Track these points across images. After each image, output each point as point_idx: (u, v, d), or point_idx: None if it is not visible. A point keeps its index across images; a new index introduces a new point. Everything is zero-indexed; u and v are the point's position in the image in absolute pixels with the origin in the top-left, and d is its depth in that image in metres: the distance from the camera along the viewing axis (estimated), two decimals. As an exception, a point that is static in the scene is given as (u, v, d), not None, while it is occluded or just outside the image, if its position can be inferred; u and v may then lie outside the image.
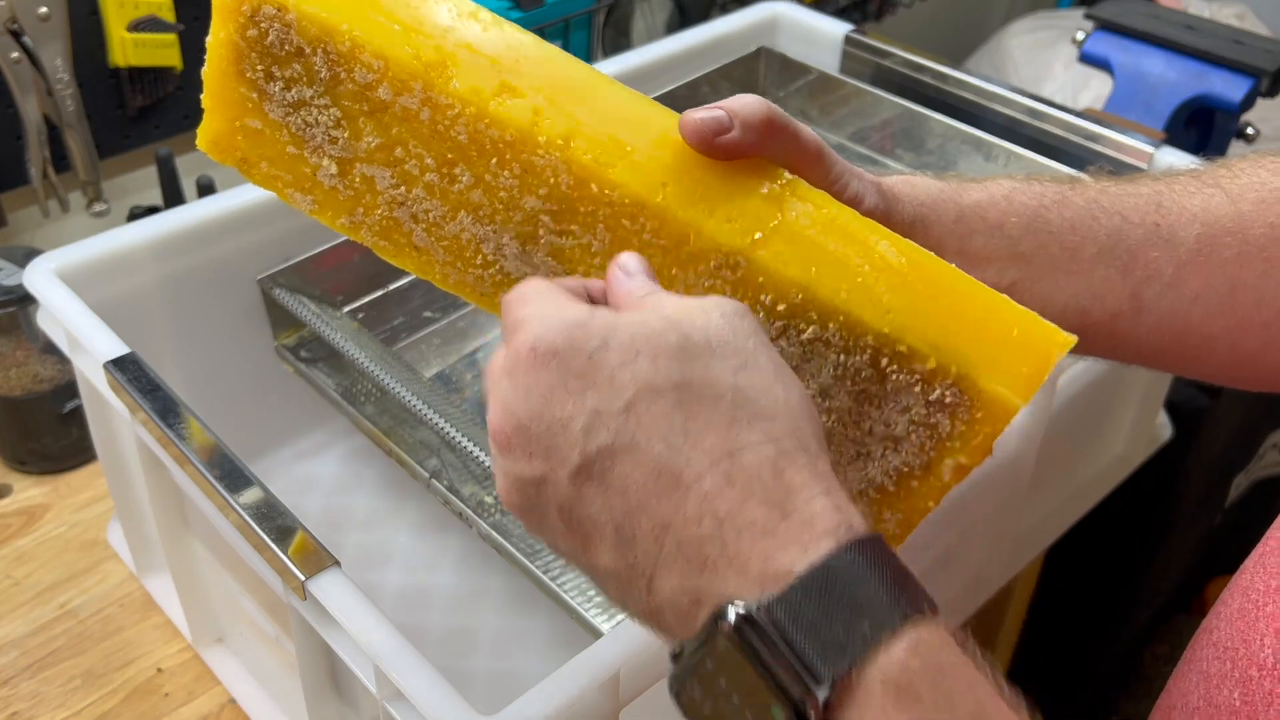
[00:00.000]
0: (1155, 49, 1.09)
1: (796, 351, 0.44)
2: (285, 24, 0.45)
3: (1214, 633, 0.43)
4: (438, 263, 0.48)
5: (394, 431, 0.74)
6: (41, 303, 0.69)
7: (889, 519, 0.45)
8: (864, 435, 0.44)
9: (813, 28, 1.04)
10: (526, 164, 0.44)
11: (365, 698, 0.58)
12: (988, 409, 0.43)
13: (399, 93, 0.45)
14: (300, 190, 0.48)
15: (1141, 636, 1.42)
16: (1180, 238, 0.50)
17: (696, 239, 0.44)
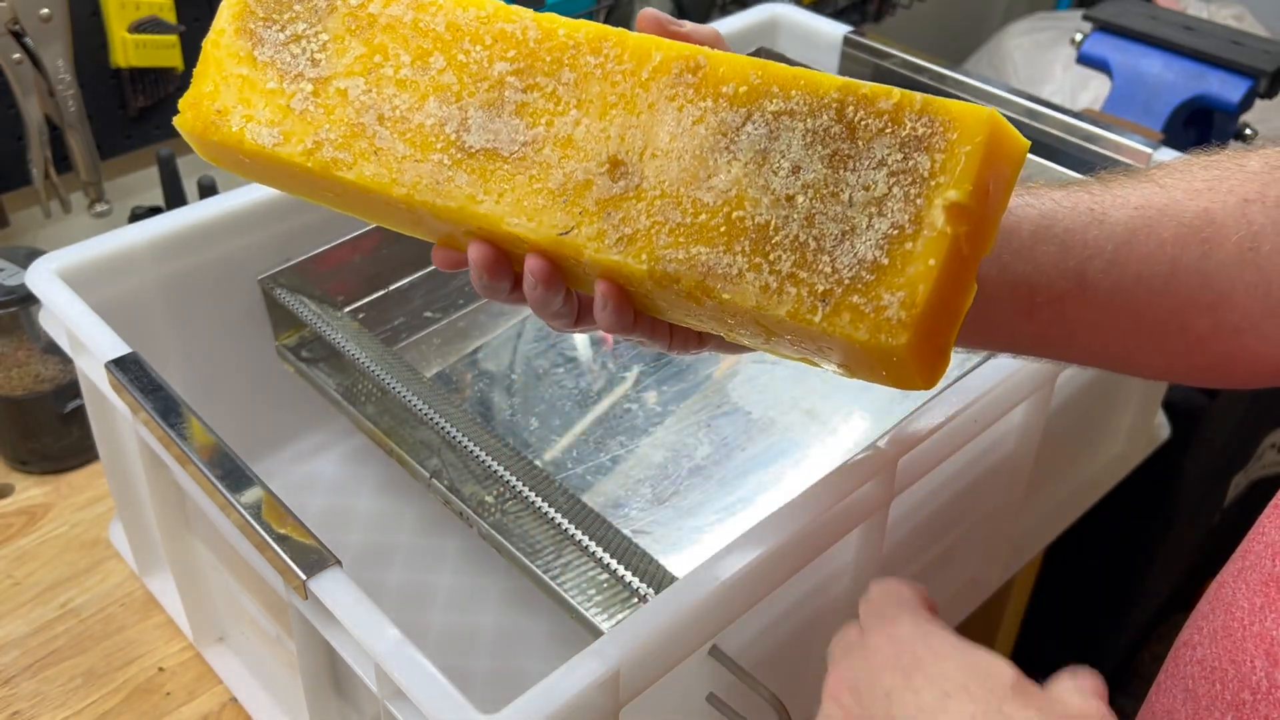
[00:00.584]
0: (1154, 50, 1.10)
1: (763, 133, 0.44)
2: None
3: (1197, 648, 0.43)
4: (396, 161, 0.49)
5: (394, 431, 0.74)
6: (43, 303, 0.70)
7: (890, 300, 0.42)
8: (845, 208, 0.43)
9: (812, 29, 1.04)
10: (498, 33, 0.49)
11: (366, 697, 0.58)
12: (961, 124, 0.41)
13: (388, 3, 0.50)
14: (269, 124, 0.51)
15: (1140, 636, 1.42)
16: (1115, 218, 0.51)
17: (659, 50, 0.46)
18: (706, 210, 0.45)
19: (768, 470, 0.80)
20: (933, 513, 0.73)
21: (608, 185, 0.46)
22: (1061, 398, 0.78)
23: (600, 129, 0.47)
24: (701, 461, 0.80)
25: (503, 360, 0.88)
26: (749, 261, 0.44)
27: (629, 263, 0.45)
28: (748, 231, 0.44)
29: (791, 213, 0.43)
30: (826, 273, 0.43)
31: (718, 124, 0.45)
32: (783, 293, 0.43)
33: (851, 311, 0.42)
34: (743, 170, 0.44)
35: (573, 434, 0.82)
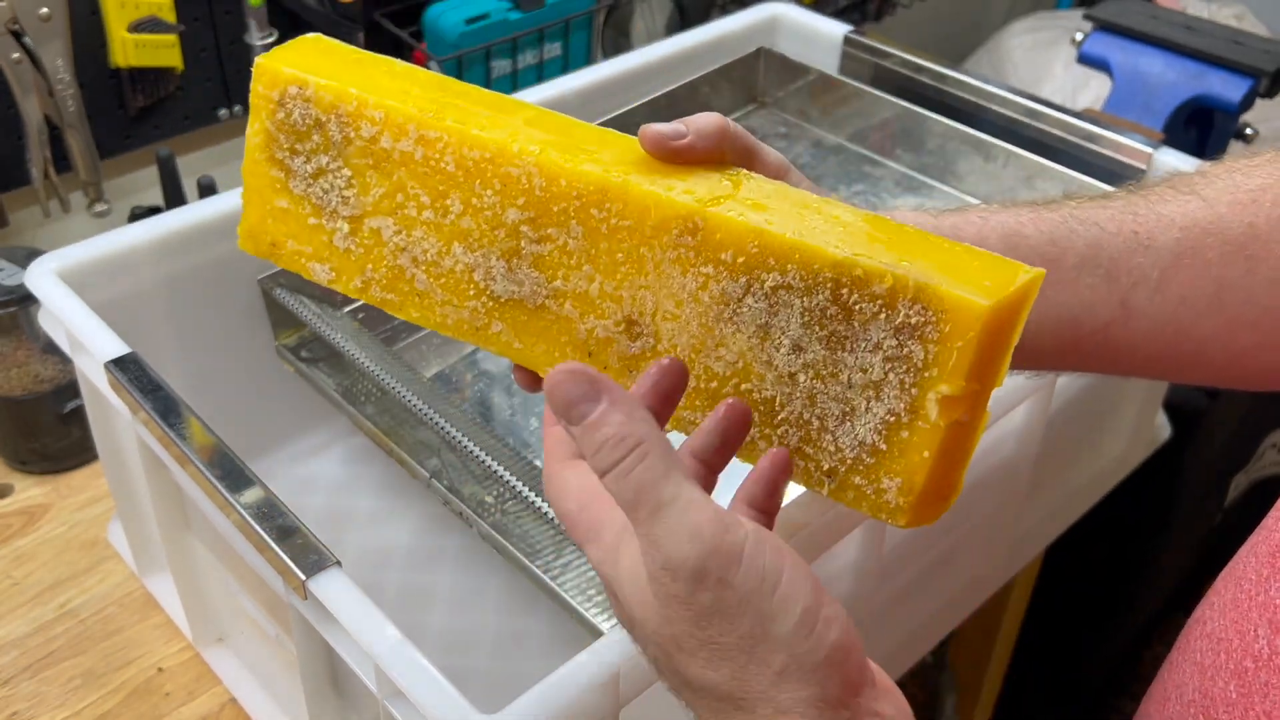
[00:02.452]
0: (1154, 49, 1.10)
1: (763, 307, 0.45)
2: (306, 99, 0.51)
3: (1206, 623, 0.43)
4: (437, 304, 0.51)
5: (394, 431, 0.74)
6: (43, 303, 0.69)
7: (889, 485, 0.44)
8: (845, 390, 0.44)
9: (812, 28, 1.04)
10: (505, 176, 0.48)
11: (366, 697, 0.58)
12: (953, 316, 0.41)
13: (397, 138, 0.50)
14: (319, 260, 0.52)
15: (1140, 637, 1.42)
16: (1160, 242, 0.51)
17: (656, 209, 0.46)
18: (718, 379, 0.46)
19: (768, 470, 0.80)
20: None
21: (626, 344, 0.48)
22: (1061, 398, 0.78)
23: (613, 287, 0.48)
24: (701, 461, 0.80)
25: (503, 360, 0.88)
26: (760, 432, 0.46)
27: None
28: (756, 404, 0.46)
29: (794, 390, 0.45)
30: (830, 450, 0.45)
31: (720, 293, 0.46)
32: (793, 465, 0.45)
33: (854, 490, 0.45)
34: (747, 344, 0.46)
35: (573, 434, 0.81)
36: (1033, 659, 1.23)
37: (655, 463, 0.38)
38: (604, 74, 0.93)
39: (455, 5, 1.11)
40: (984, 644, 1.15)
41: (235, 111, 1.08)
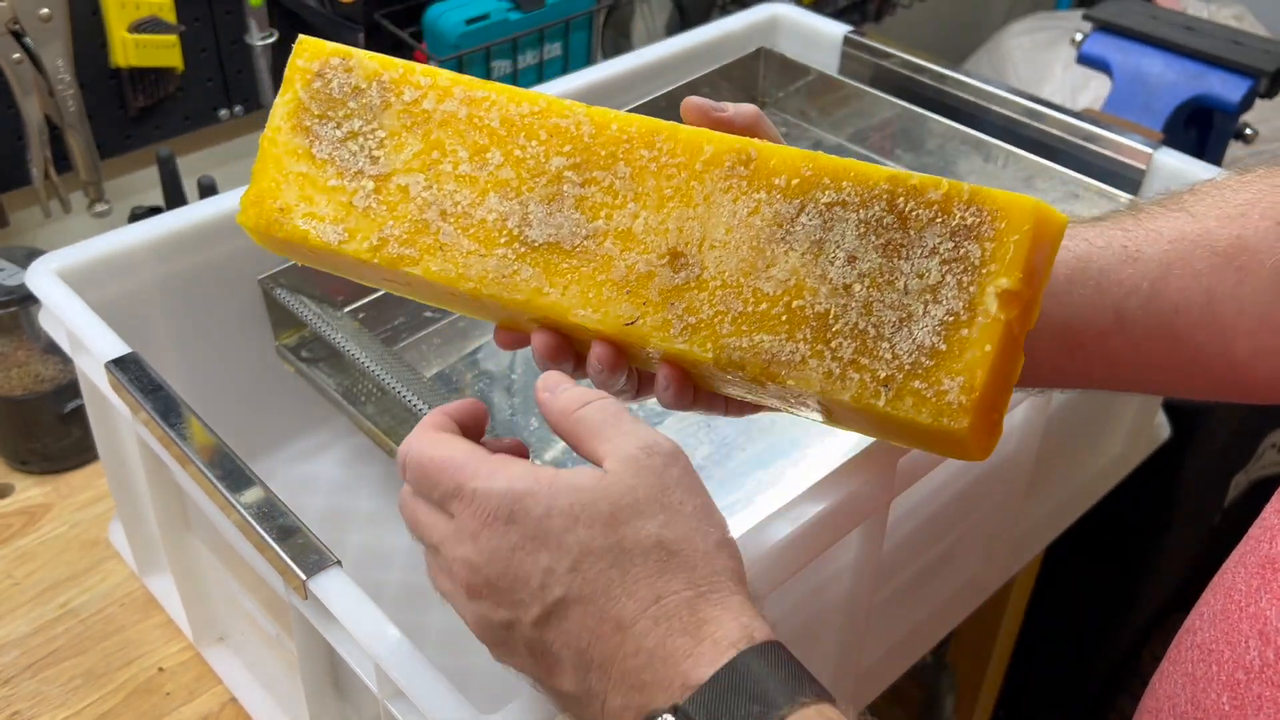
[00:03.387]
0: (1154, 50, 1.10)
1: (817, 224, 0.46)
2: (348, 69, 0.53)
3: (1197, 634, 0.43)
4: (461, 256, 0.50)
5: (394, 431, 0.74)
6: (43, 303, 0.70)
7: (950, 385, 0.43)
8: (901, 296, 0.44)
9: (812, 28, 1.04)
10: (553, 128, 0.50)
11: (366, 697, 0.58)
12: (1008, 214, 0.43)
13: (442, 99, 0.51)
14: (332, 222, 0.52)
15: (1140, 637, 1.42)
16: (1149, 254, 0.52)
17: (710, 143, 0.48)
18: (767, 299, 0.46)
19: (768, 470, 0.80)
20: (933, 513, 0.73)
21: (670, 276, 0.48)
22: (1061, 398, 0.78)
23: (658, 221, 0.48)
24: (701, 461, 0.80)
25: (503, 360, 0.88)
26: (811, 349, 0.46)
27: (695, 350, 0.47)
28: (809, 320, 0.46)
29: (850, 301, 0.45)
30: (887, 359, 0.45)
31: (773, 215, 0.47)
32: (846, 378, 0.45)
33: (914, 396, 0.44)
34: (800, 260, 0.46)
35: (573, 434, 0.82)
36: (1033, 659, 1.23)
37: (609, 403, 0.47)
38: (604, 74, 0.93)
39: (455, 5, 1.11)
40: (984, 644, 1.15)
41: (235, 111, 1.08)
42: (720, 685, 0.39)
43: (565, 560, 0.43)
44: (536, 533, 0.43)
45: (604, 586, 0.42)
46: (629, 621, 0.42)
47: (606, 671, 0.42)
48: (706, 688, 0.40)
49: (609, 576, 0.43)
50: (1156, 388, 0.56)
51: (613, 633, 0.42)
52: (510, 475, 0.44)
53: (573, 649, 0.43)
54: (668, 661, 0.41)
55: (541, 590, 0.43)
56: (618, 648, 0.42)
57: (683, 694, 0.40)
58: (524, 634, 0.44)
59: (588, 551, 0.43)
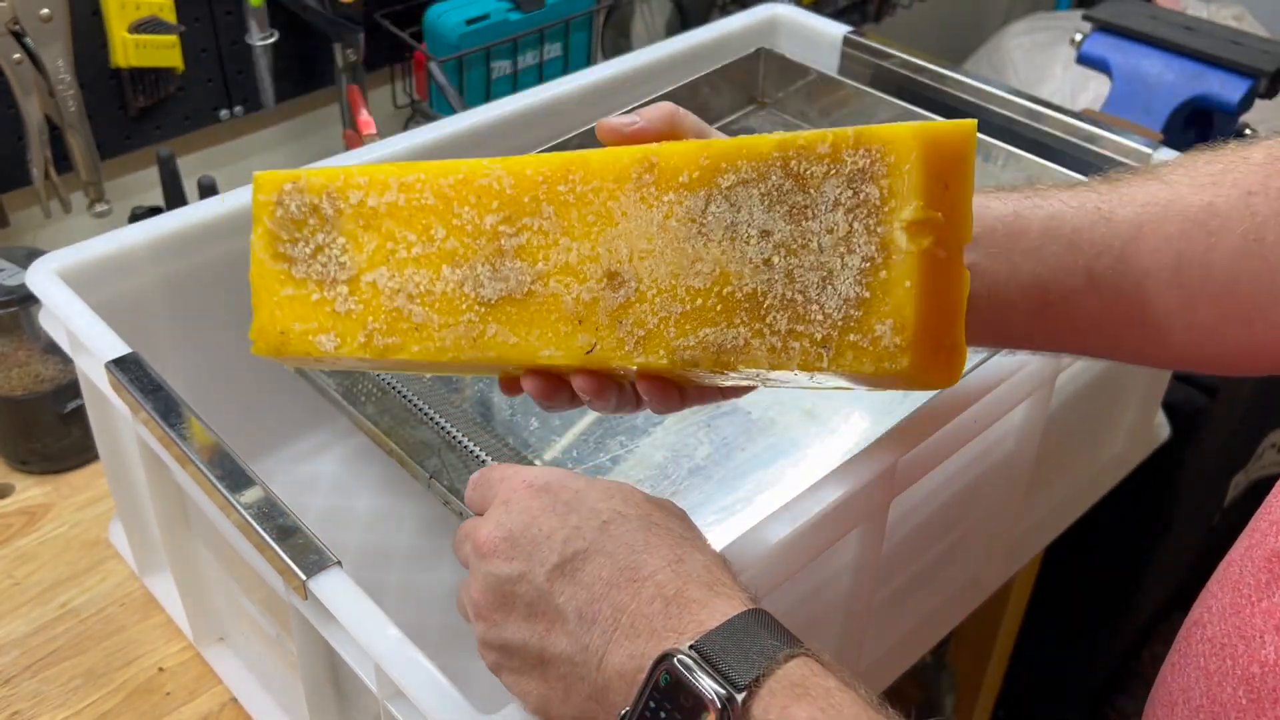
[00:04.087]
0: (1153, 50, 1.10)
1: (725, 209, 0.47)
2: (300, 190, 0.55)
3: (1206, 627, 0.43)
4: (435, 331, 0.53)
5: (394, 431, 0.74)
6: (43, 303, 0.70)
7: (882, 330, 0.43)
8: (818, 256, 0.45)
9: (812, 29, 1.04)
10: (479, 189, 0.52)
11: (366, 697, 0.58)
12: (895, 146, 0.43)
13: (382, 193, 0.54)
14: (324, 331, 0.55)
15: (1139, 637, 1.42)
16: (1121, 215, 0.53)
17: (615, 162, 0.49)
18: (700, 294, 0.47)
19: (767, 470, 0.80)
20: (933, 513, 0.73)
21: (611, 297, 0.49)
22: (1061, 398, 0.78)
23: (590, 249, 0.50)
24: (701, 462, 0.80)
25: (503, 360, 0.88)
26: (751, 330, 0.46)
27: (651, 360, 0.48)
28: (741, 303, 0.47)
29: (773, 274, 0.46)
30: (819, 320, 0.45)
31: (685, 213, 0.48)
32: (788, 349, 0.46)
33: (853, 350, 0.44)
34: (719, 249, 0.47)
35: (573, 434, 0.82)
36: (1032, 659, 1.23)
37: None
38: (604, 74, 0.93)
39: (456, 6, 1.11)
40: (983, 644, 1.15)
41: (235, 112, 1.08)
42: (734, 627, 0.42)
43: (595, 520, 0.46)
44: (571, 500, 0.47)
45: (629, 542, 0.45)
46: (649, 572, 0.44)
47: (614, 622, 0.43)
48: (721, 628, 0.42)
49: (635, 536, 0.45)
50: (1125, 354, 0.56)
51: (629, 582, 0.44)
52: (552, 468, 0.49)
53: (579, 601, 0.44)
54: (685, 609, 0.43)
55: (564, 544, 0.45)
56: (634, 595, 0.44)
57: (696, 637, 0.42)
58: (531, 586, 0.45)
59: (619, 515, 0.46)
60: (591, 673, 0.44)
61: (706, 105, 1.01)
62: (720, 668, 0.40)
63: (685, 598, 0.43)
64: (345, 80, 1.09)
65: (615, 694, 0.43)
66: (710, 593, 0.44)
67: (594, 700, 0.44)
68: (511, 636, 0.46)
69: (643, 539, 0.45)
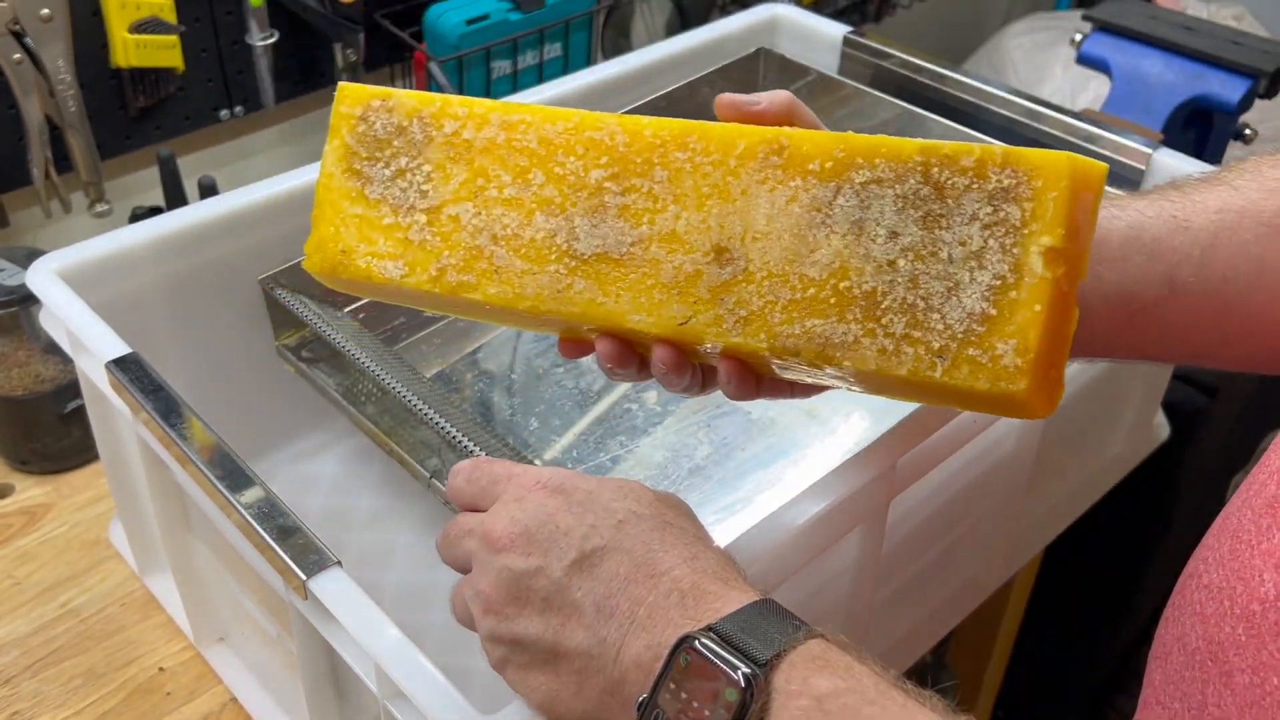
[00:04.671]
0: (1153, 50, 1.10)
1: (855, 204, 0.46)
2: (389, 109, 0.54)
3: (1203, 576, 0.44)
4: (516, 276, 0.52)
5: (395, 431, 0.74)
6: (44, 303, 0.70)
7: (1004, 349, 0.44)
8: (946, 265, 0.45)
9: (812, 29, 1.04)
10: (588, 142, 0.51)
11: (366, 697, 0.58)
12: (1043, 172, 0.43)
13: (480, 128, 0.53)
14: (392, 258, 0.54)
15: (1139, 637, 1.42)
16: (1198, 224, 0.54)
17: (742, 137, 0.49)
18: (814, 284, 0.47)
19: (767, 470, 0.80)
20: (933, 513, 0.73)
21: (716, 273, 0.49)
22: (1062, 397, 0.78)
23: (700, 220, 0.49)
24: (701, 462, 0.80)
25: (503, 360, 0.88)
26: (863, 328, 0.46)
27: (749, 342, 0.48)
28: (857, 300, 0.46)
29: (896, 276, 0.46)
30: (939, 329, 0.45)
31: (810, 201, 0.47)
32: (900, 354, 0.45)
33: (970, 364, 0.44)
34: (842, 242, 0.46)
35: (573, 434, 0.82)
36: (1032, 658, 1.23)
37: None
38: (604, 74, 0.93)
39: (456, 6, 1.11)
40: (983, 643, 1.15)
41: (236, 112, 1.08)
42: (751, 612, 0.43)
43: (611, 519, 0.47)
44: (585, 500, 0.47)
45: (645, 540, 0.46)
46: (666, 568, 0.45)
47: (631, 615, 0.44)
48: (738, 613, 0.43)
49: (650, 535, 0.46)
50: (1208, 358, 0.58)
51: (646, 577, 0.45)
52: (558, 468, 0.49)
53: (597, 595, 0.45)
54: (701, 600, 0.44)
55: (582, 540, 0.46)
56: (651, 589, 0.44)
57: (714, 622, 0.43)
58: (548, 580, 0.46)
59: (634, 514, 0.47)
60: (608, 665, 0.44)
61: (706, 105, 1.01)
62: (739, 645, 0.41)
63: (701, 590, 0.44)
64: (345, 80, 1.09)
65: (632, 685, 0.43)
66: (725, 586, 0.44)
67: (609, 694, 0.44)
68: (524, 631, 0.46)
69: (658, 537, 0.46)
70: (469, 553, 0.49)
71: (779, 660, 0.41)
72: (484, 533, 0.48)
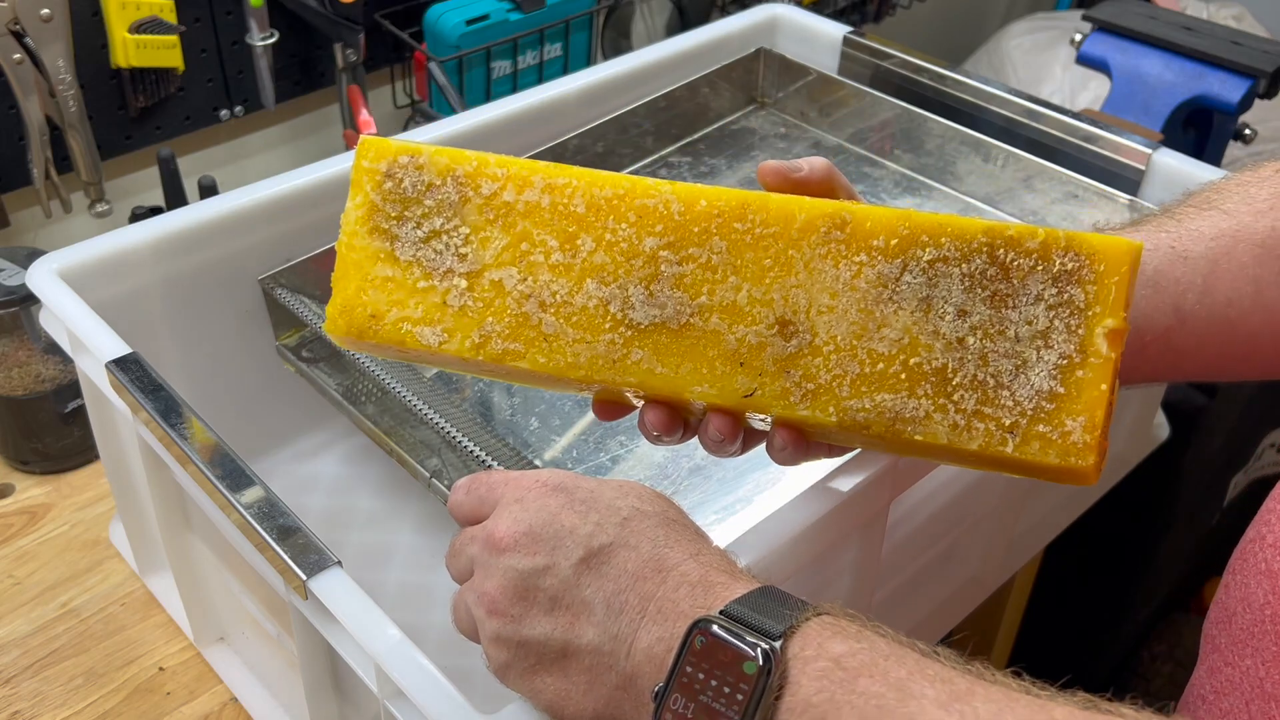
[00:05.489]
0: (1153, 50, 1.10)
1: (922, 281, 0.47)
2: (419, 166, 0.52)
3: (1267, 536, 0.45)
4: (568, 345, 0.51)
5: (395, 431, 0.74)
6: (44, 303, 0.70)
7: (1073, 426, 0.46)
8: (1014, 344, 0.46)
9: (812, 29, 1.04)
10: (640, 209, 0.50)
11: (366, 696, 0.58)
12: (1105, 256, 0.46)
13: (521, 190, 0.51)
14: (429, 324, 0.52)
15: (1139, 636, 1.42)
16: (1196, 252, 0.56)
17: (802, 211, 0.49)
18: (884, 359, 0.48)
19: (767, 470, 0.80)
20: (933, 513, 0.73)
21: (781, 345, 0.49)
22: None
23: (762, 293, 0.49)
24: (701, 461, 0.80)
25: (503, 360, 0.88)
26: (934, 403, 0.47)
27: (818, 416, 0.48)
28: (928, 376, 0.47)
29: (965, 354, 0.47)
30: (1009, 406, 0.46)
31: (876, 277, 0.48)
32: (971, 429, 0.47)
33: (1040, 440, 0.46)
34: (910, 319, 0.47)
35: (573, 434, 0.82)
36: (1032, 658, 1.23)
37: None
38: (604, 74, 0.93)
39: (456, 6, 1.11)
40: (983, 643, 1.15)
41: (236, 112, 1.08)
42: (760, 595, 0.43)
43: (616, 516, 0.47)
44: (587, 499, 0.47)
45: (651, 536, 0.46)
46: (674, 563, 0.45)
47: (642, 610, 0.44)
48: (746, 597, 0.43)
49: (656, 532, 0.47)
50: (1219, 374, 0.61)
51: (654, 573, 0.45)
52: (555, 469, 0.50)
53: (607, 592, 0.45)
54: (710, 590, 0.44)
55: (588, 537, 0.46)
56: (659, 584, 0.45)
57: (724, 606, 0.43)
58: (557, 578, 0.46)
59: (638, 512, 0.47)
60: (621, 660, 0.44)
61: (706, 105, 1.01)
62: (753, 624, 0.42)
63: (709, 581, 0.45)
64: (345, 80, 1.09)
65: (645, 678, 0.44)
66: (731, 577, 0.45)
67: (622, 689, 0.44)
68: (531, 631, 0.46)
69: (664, 534, 0.47)
70: (471, 558, 0.49)
71: (793, 632, 0.42)
72: (485, 536, 0.48)
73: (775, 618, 0.42)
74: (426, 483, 0.71)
